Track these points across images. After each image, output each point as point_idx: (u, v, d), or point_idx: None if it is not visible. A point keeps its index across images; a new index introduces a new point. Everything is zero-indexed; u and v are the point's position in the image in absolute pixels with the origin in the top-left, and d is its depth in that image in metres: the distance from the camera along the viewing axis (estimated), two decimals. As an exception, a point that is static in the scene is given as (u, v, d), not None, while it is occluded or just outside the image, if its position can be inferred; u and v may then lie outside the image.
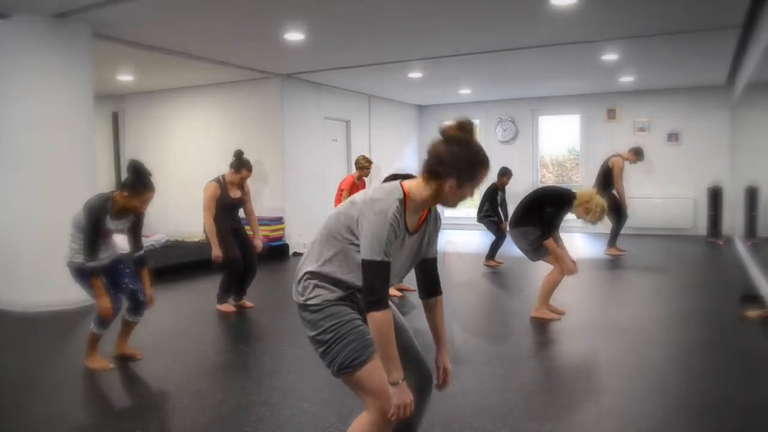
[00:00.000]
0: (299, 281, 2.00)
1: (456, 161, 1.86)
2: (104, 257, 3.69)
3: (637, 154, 8.56)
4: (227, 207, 5.29)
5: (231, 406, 3.12)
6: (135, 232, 3.76)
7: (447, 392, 3.24)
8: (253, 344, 4.54)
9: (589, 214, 4.60)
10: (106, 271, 3.73)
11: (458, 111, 12.44)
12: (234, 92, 9.10)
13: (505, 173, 7.72)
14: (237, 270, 5.32)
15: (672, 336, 4.48)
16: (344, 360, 1.87)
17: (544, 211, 4.73)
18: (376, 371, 1.86)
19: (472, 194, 1.98)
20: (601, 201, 4.63)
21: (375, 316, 1.81)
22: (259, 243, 5.53)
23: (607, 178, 8.34)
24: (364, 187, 6.99)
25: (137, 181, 3.53)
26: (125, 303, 3.84)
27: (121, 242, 3.88)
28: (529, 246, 4.86)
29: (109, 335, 3.90)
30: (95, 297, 3.63)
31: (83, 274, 3.60)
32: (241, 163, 5.33)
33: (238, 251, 5.29)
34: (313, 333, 1.95)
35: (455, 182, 1.87)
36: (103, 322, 3.67)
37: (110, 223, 3.60)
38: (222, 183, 5.27)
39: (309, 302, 1.95)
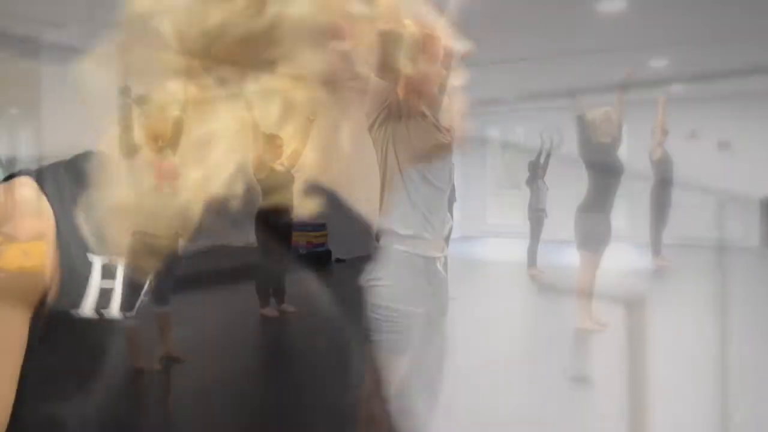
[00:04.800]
0: None
1: None
2: None
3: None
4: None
5: (272, 409, 3.16)
6: None
7: (485, 407, 3.22)
8: (294, 348, 4.58)
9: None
10: None
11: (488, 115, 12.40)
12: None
13: None
14: (266, 272, 5.38)
15: (721, 355, 4.32)
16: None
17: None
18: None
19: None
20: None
21: None
22: None
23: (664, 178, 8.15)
24: None
25: None
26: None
27: None
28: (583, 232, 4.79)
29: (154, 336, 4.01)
30: None
31: None
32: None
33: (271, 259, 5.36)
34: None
35: None
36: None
37: None
38: None
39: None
